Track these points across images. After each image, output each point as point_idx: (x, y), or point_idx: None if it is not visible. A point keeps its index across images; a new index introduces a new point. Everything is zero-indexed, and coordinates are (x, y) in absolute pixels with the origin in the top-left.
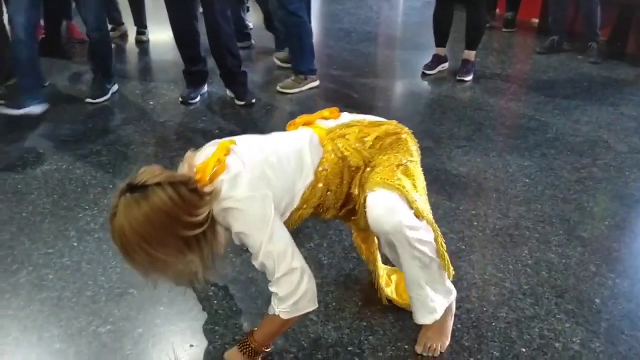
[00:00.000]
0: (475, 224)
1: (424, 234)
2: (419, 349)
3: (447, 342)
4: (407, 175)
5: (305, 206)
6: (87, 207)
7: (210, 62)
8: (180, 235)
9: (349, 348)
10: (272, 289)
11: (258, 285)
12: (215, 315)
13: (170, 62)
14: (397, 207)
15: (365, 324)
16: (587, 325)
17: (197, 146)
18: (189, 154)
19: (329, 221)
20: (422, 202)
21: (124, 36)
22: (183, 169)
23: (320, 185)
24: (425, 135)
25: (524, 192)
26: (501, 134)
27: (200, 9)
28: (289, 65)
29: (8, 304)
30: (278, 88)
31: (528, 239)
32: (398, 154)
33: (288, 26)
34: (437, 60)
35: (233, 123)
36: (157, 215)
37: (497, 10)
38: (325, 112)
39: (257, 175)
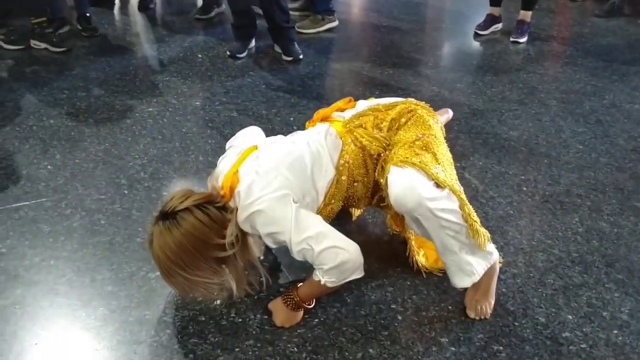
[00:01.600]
0: (525, 189)
1: (446, 203)
2: (471, 314)
3: (493, 302)
4: (425, 149)
5: (333, 201)
6: (137, 156)
7: (259, 17)
8: (213, 257)
9: (392, 306)
10: (315, 270)
11: None
12: (263, 266)
13: (218, 15)
14: (416, 182)
15: (409, 283)
16: (637, 296)
17: (244, 100)
18: (217, 167)
19: None
20: (445, 173)
21: None
22: (210, 183)
23: (344, 178)
24: (476, 97)
25: (576, 158)
26: (555, 98)
27: None
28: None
29: (62, 246)
30: (296, 29)
31: (579, 206)
32: (415, 130)
33: None
34: (491, 20)
35: (280, 78)
36: (188, 241)
37: None
38: (340, 103)
39: (272, 178)
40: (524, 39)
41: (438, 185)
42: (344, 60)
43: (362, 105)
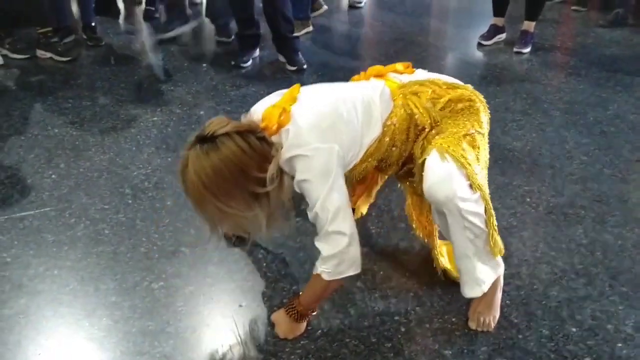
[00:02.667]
0: (528, 200)
1: (475, 207)
2: (472, 325)
3: (497, 316)
4: (472, 147)
5: (370, 159)
6: (141, 165)
7: (263, 26)
8: (249, 190)
9: (395, 317)
10: (317, 244)
11: (306, 250)
12: (264, 278)
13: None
14: (454, 177)
15: (412, 294)
16: None
17: (248, 109)
18: (253, 107)
19: (378, 191)
20: (482, 176)
21: None
22: (247, 118)
23: (387, 139)
24: None
25: (580, 170)
26: (559, 109)
27: None
28: None
29: (66, 256)
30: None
31: (583, 218)
32: (467, 122)
33: None
34: (495, 30)
35: (284, 88)
36: (226, 167)
37: None
38: (399, 65)
39: (326, 127)
40: (527, 49)
41: (471, 186)
42: (347, 70)
43: (421, 74)
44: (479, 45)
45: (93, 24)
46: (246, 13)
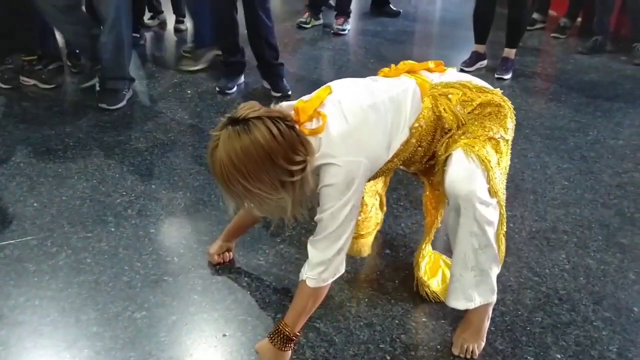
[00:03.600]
0: (512, 225)
1: (490, 213)
2: (455, 351)
3: (483, 344)
4: (495, 151)
5: (396, 159)
6: (124, 193)
7: (248, 53)
8: (276, 176)
9: (380, 345)
10: (309, 245)
11: (291, 278)
12: (249, 306)
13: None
14: (476, 176)
15: (397, 322)
16: (625, 334)
17: None
18: (281, 103)
19: None
20: (500, 181)
21: (162, 24)
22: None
23: (414, 140)
24: None
25: (562, 194)
26: (540, 134)
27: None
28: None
29: (47, 286)
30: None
31: (566, 243)
32: (494, 126)
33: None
34: (476, 57)
35: None
36: (256, 149)
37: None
38: (431, 63)
39: (356, 139)
40: (508, 76)
41: (490, 191)
42: None
43: (453, 75)
44: (461, 71)
45: (77, 51)
46: (231, 40)
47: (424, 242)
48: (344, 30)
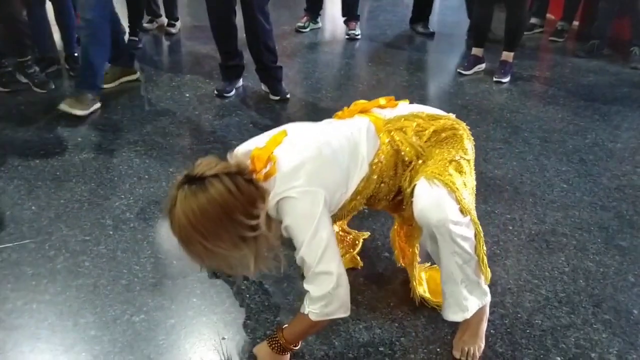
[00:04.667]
0: (511, 228)
1: (466, 231)
2: (457, 354)
3: (483, 346)
4: (458, 172)
5: (358, 197)
6: (122, 196)
7: (246, 56)
8: (236, 232)
9: (380, 348)
10: (306, 286)
11: (291, 281)
12: (247, 309)
13: (206, 55)
14: (445, 201)
15: (397, 324)
16: (625, 337)
17: (231, 139)
18: (237, 148)
19: (362, 221)
20: (470, 200)
21: (161, 28)
22: (234, 159)
23: (375, 177)
24: None
25: (561, 197)
26: (538, 137)
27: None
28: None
29: (45, 289)
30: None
31: (565, 245)
32: (452, 149)
33: None
34: (474, 60)
35: (267, 117)
36: (213, 208)
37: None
38: (382, 100)
39: (310, 171)
40: (506, 79)
41: (461, 210)
42: (330, 100)
43: (404, 108)
44: (459, 75)
45: (76, 54)
46: (229, 44)
47: (412, 280)
48: (358, 34)
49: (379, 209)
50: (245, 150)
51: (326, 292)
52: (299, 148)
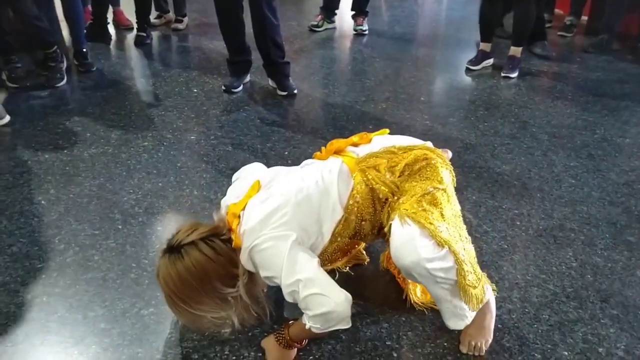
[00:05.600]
0: (518, 223)
1: (443, 263)
2: (463, 349)
3: (490, 340)
4: (434, 204)
5: (339, 239)
6: (131, 191)
7: (253, 52)
8: (217, 293)
9: (387, 343)
10: (303, 312)
11: None
12: None
13: (214, 50)
14: (416, 241)
15: (404, 319)
16: (632, 332)
17: (239, 134)
18: (223, 200)
19: None
20: (449, 232)
21: (169, 24)
22: (217, 216)
23: (353, 217)
24: (468, 131)
25: (569, 193)
26: (547, 132)
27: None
28: None
29: (55, 282)
30: None
31: (573, 241)
32: (426, 181)
33: None
34: (482, 55)
35: (275, 113)
36: (191, 276)
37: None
38: (355, 137)
39: (277, 218)
40: (515, 74)
41: (438, 243)
42: (337, 95)
43: (378, 143)
44: (467, 70)
45: (85, 49)
46: (237, 39)
47: (405, 289)
48: (365, 30)
49: (367, 242)
50: (227, 203)
51: (323, 311)
52: (268, 201)
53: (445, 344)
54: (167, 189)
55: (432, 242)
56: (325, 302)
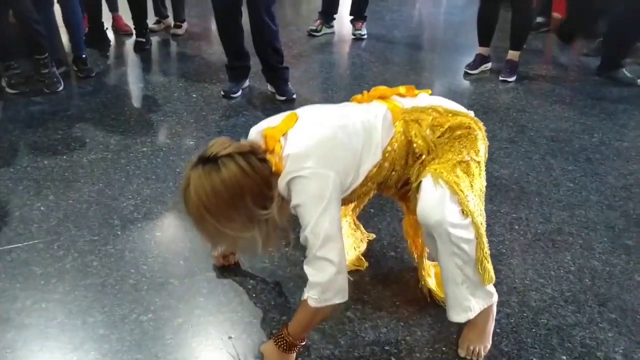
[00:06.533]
0: (517, 227)
1: (466, 233)
2: (462, 353)
3: (489, 346)
4: (466, 174)
5: (369, 183)
6: (130, 196)
7: (252, 57)
8: (247, 213)
9: (385, 347)
10: (305, 268)
11: (296, 280)
12: (254, 309)
13: (212, 55)
14: (446, 202)
15: (402, 324)
16: (631, 336)
17: (238, 140)
18: (251, 129)
19: (368, 220)
20: (475, 203)
21: (168, 29)
22: (247, 139)
23: (387, 164)
24: None
25: (567, 196)
26: (545, 136)
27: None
28: None
29: (54, 289)
30: None
31: (571, 245)
32: (464, 149)
33: None
34: (480, 59)
35: None
36: (226, 189)
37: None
38: (402, 88)
39: (324, 153)
40: (513, 78)
41: (463, 212)
42: (336, 100)
43: (424, 99)
44: (466, 74)
45: (84, 55)
46: (236, 45)
47: (421, 269)
48: (364, 34)
49: (388, 195)
50: (259, 130)
51: (325, 279)
52: (314, 129)
53: (444, 348)
54: (166, 194)
55: (459, 209)
56: (329, 269)
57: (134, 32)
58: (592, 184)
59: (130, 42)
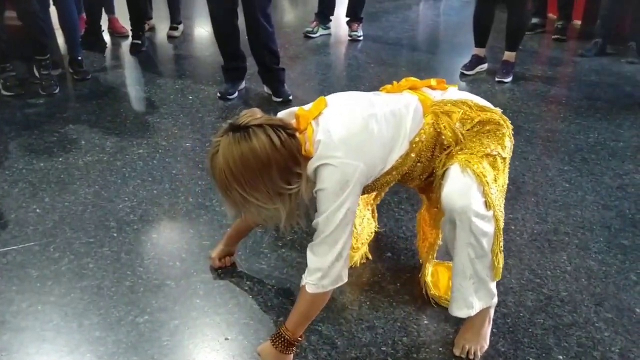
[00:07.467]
0: (513, 227)
1: (486, 225)
2: (457, 352)
3: (485, 347)
4: (492, 167)
5: (394, 173)
6: (126, 198)
7: (248, 58)
8: (273, 186)
9: (382, 348)
10: (308, 250)
11: (293, 281)
12: (251, 310)
13: (208, 57)
14: (472, 190)
15: (399, 324)
16: (627, 335)
17: None
18: (280, 112)
19: None
20: (497, 197)
21: (152, 30)
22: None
23: (413, 155)
24: None
25: (563, 197)
26: (540, 137)
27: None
28: None
29: (50, 291)
30: None
31: (567, 244)
32: (491, 143)
33: None
34: (476, 60)
35: None
36: (255, 158)
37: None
38: (433, 81)
39: (355, 144)
40: (508, 79)
41: (487, 203)
42: None
43: (454, 93)
44: (462, 75)
45: (79, 57)
46: (232, 46)
47: (426, 263)
48: (360, 35)
49: (411, 187)
50: (288, 111)
51: (326, 265)
52: (346, 118)
53: (441, 349)
54: (162, 196)
55: (484, 200)
56: (331, 256)
57: (130, 34)
58: (587, 184)
59: (126, 44)
